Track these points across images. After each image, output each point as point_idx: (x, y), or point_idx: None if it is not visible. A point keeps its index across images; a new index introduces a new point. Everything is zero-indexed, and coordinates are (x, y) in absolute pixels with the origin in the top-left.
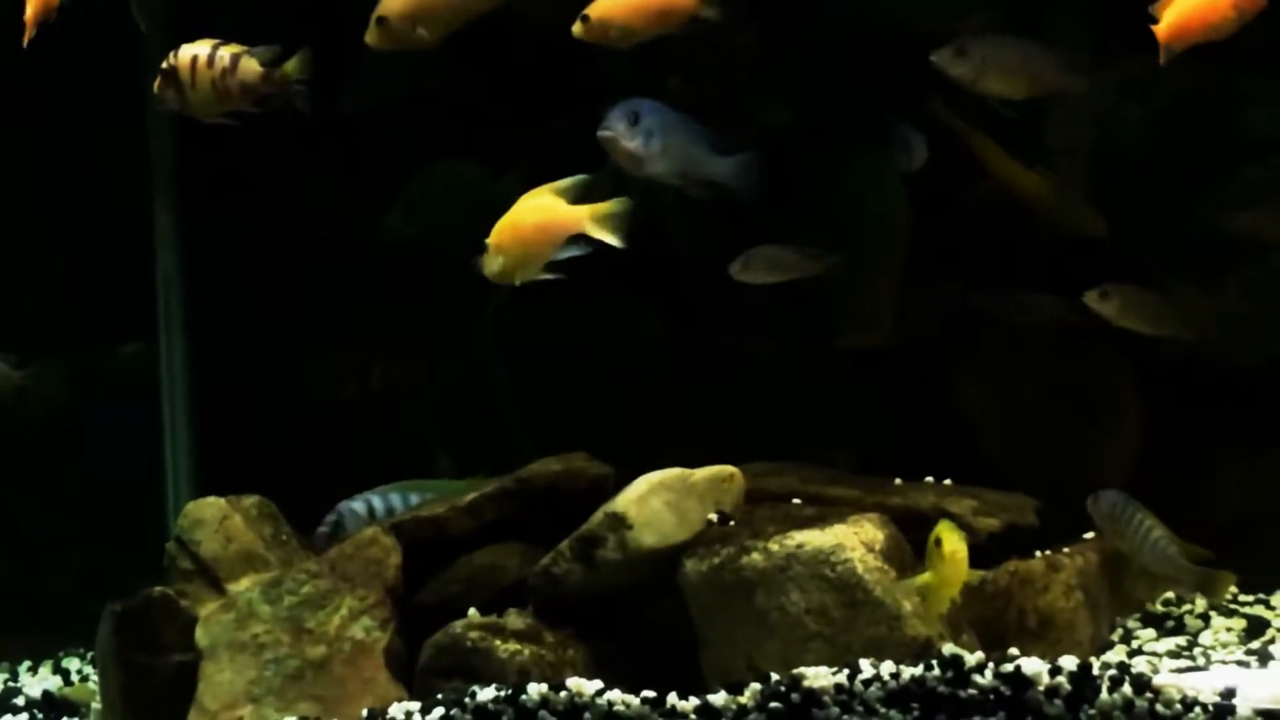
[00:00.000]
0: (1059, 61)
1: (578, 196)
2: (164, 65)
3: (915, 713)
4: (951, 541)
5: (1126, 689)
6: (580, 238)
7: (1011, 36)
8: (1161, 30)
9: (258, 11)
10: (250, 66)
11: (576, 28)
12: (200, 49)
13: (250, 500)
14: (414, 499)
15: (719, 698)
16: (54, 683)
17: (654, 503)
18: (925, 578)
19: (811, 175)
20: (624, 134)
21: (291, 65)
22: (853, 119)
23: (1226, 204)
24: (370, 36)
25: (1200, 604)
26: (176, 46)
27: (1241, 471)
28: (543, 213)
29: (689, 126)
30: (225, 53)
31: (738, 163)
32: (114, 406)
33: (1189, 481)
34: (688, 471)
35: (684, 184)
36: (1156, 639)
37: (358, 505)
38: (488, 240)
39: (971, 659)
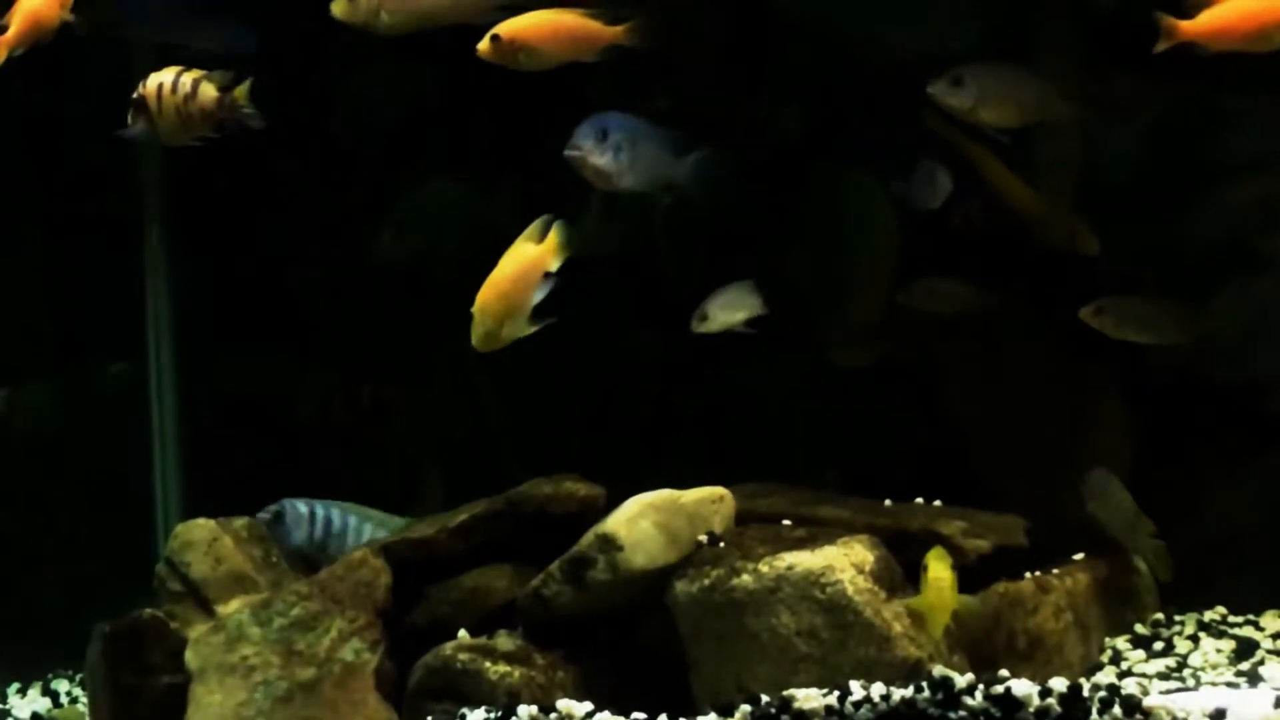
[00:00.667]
0: (1053, 89)
1: (541, 236)
2: (135, 94)
3: None
4: (936, 569)
5: (1117, 711)
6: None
7: (1006, 65)
8: (1198, 26)
9: (247, 33)
10: (208, 92)
11: (484, 45)
12: (165, 76)
13: (240, 522)
14: (352, 521)
15: None
16: (43, 704)
17: (644, 524)
18: (915, 602)
19: (802, 194)
20: (591, 151)
21: (242, 90)
22: (863, 145)
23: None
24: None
25: (1190, 625)
26: (145, 75)
27: (1230, 489)
28: (512, 262)
29: (655, 133)
30: (187, 79)
31: (693, 162)
32: (102, 426)
33: (1177, 499)
34: (678, 493)
35: (653, 191)
36: (1146, 660)
37: (301, 506)
38: (472, 310)
39: (961, 681)
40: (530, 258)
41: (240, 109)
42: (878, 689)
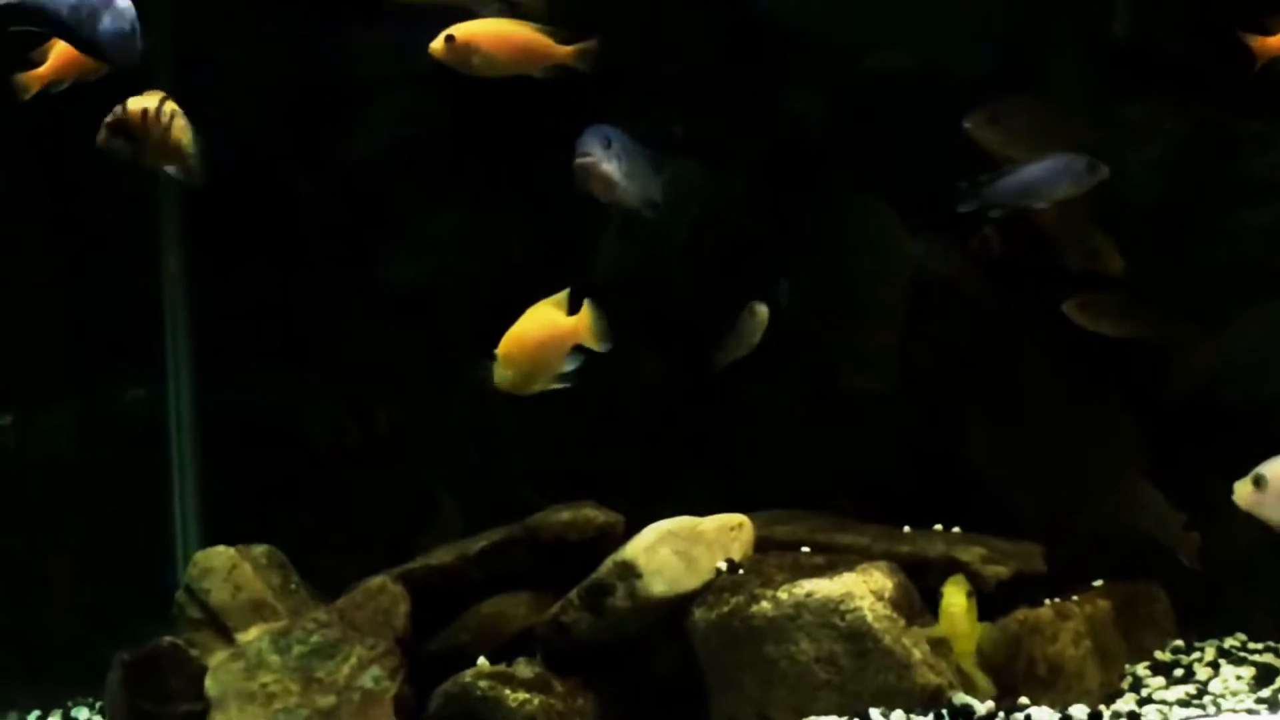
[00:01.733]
0: (1083, 121)
1: (571, 308)
2: (111, 117)
3: None
4: (951, 595)
5: None
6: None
7: (1038, 100)
8: None
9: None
10: (181, 123)
11: (437, 44)
12: (148, 102)
13: (259, 549)
14: None
15: None
16: None
17: (663, 551)
18: (935, 630)
19: (815, 218)
20: (603, 159)
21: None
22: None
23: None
24: None
25: (1210, 652)
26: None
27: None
28: (546, 328)
29: (641, 149)
30: (168, 107)
31: (666, 180)
32: (120, 451)
33: (1193, 524)
34: (697, 520)
35: (642, 207)
36: (1166, 687)
37: None
38: (497, 352)
39: (981, 708)
40: (563, 328)
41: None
42: (898, 716)
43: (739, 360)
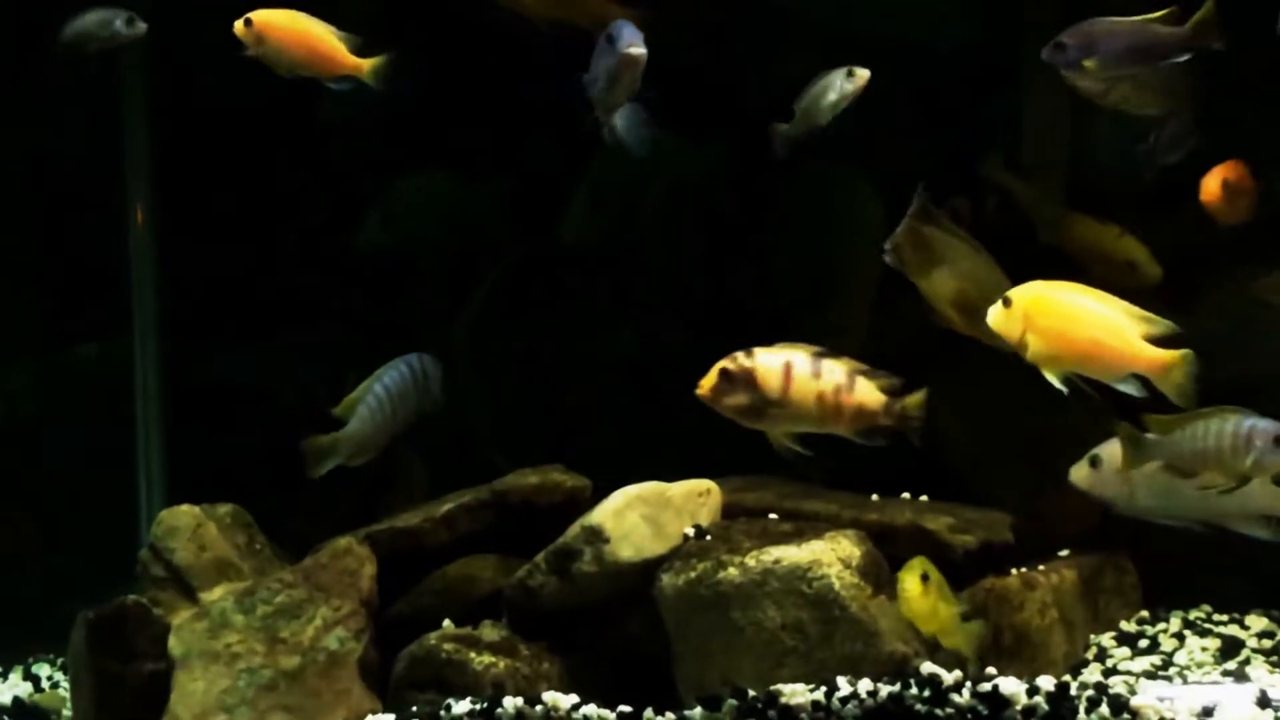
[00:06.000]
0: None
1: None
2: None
3: None
4: (903, 580)
5: (1104, 710)
6: None
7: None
8: None
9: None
10: None
11: (239, 25)
12: None
13: (224, 509)
14: None
15: (696, 713)
16: (24, 689)
17: (631, 516)
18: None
19: (788, 190)
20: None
21: None
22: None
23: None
24: None
25: (1175, 623)
26: None
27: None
28: (1113, 333)
29: None
30: None
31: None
32: (85, 410)
33: None
34: (665, 485)
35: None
36: (1131, 658)
37: None
38: (1010, 295)
39: (949, 678)
40: (1137, 353)
41: None
42: (865, 685)
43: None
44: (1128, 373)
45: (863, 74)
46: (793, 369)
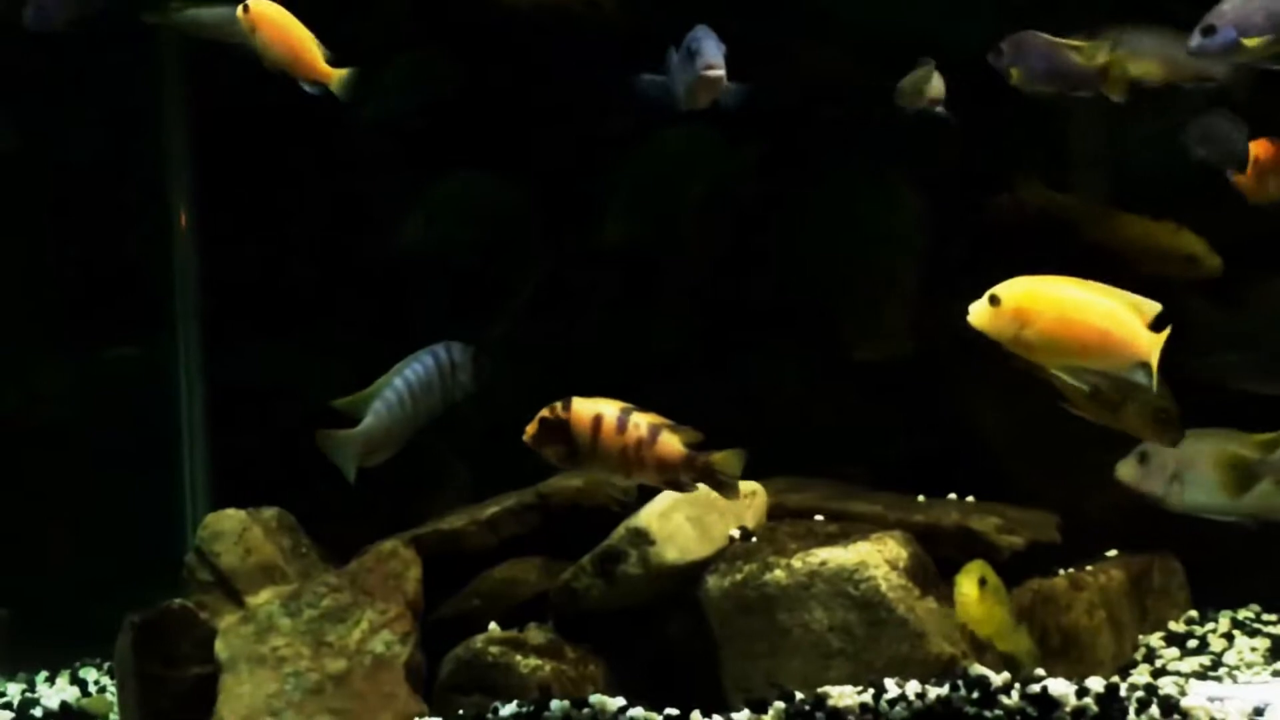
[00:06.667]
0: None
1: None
2: None
3: None
4: (961, 585)
5: (1154, 711)
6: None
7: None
8: None
9: None
10: None
11: (239, 10)
12: None
13: (270, 512)
14: None
15: (742, 715)
16: (72, 694)
17: (676, 518)
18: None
19: (828, 187)
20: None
21: None
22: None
23: None
24: None
25: (1224, 623)
26: None
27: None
28: (1115, 322)
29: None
30: None
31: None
32: (130, 414)
33: None
34: None
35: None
36: (1180, 658)
37: None
38: (996, 293)
39: (997, 679)
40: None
41: None
42: (913, 687)
43: (753, 329)
44: (1131, 361)
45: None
46: (601, 422)
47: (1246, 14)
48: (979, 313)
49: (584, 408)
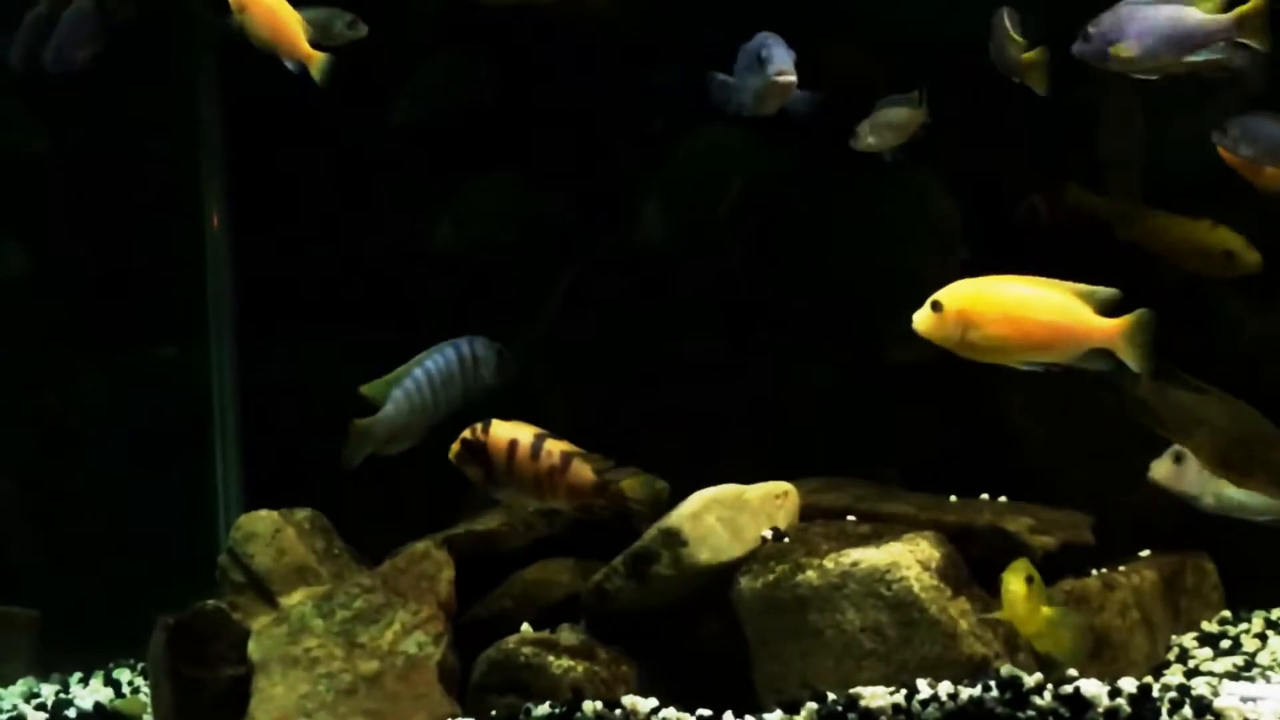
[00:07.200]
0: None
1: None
2: None
3: None
4: (1009, 582)
5: (1187, 711)
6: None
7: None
8: None
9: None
10: None
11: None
12: None
13: (303, 513)
14: None
15: (775, 716)
16: (105, 695)
17: (708, 519)
18: (1000, 614)
19: (863, 187)
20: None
21: None
22: None
23: None
24: None
25: (1257, 623)
26: None
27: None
28: (1063, 314)
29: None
30: None
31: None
32: (162, 414)
33: None
34: (742, 488)
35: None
36: (1213, 659)
37: None
38: (938, 299)
39: (1030, 680)
40: (1089, 326)
41: None
42: (945, 687)
43: (785, 329)
44: (1084, 349)
45: None
46: (516, 447)
47: (1119, 25)
48: (922, 319)
49: (501, 431)
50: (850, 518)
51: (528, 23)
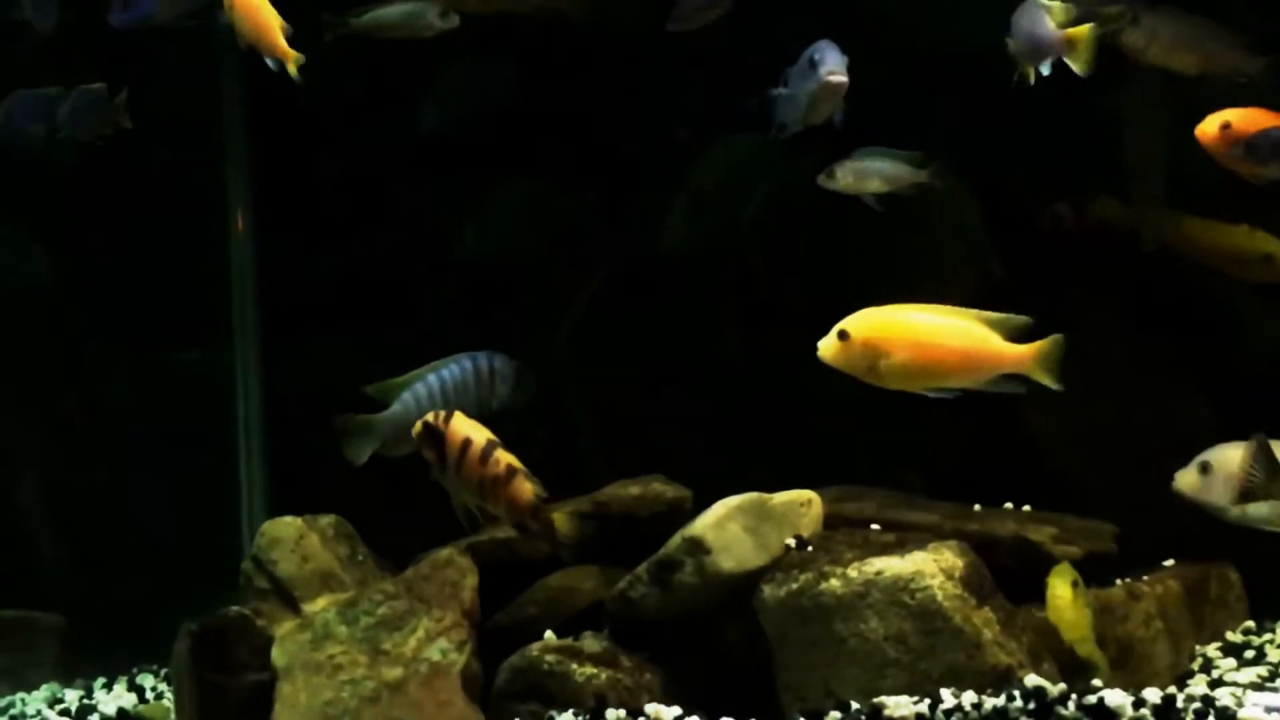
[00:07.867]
0: (1235, 41)
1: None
2: None
3: None
4: (1055, 587)
5: None
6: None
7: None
8: None
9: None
10: None
11: None
12: None
13: (327, 520)
14: None
15: None
16: (129, 700)
17: (732, 527)
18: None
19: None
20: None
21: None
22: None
23: None
24: None
25: None
26: None
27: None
28: (973, 340)
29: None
30: None
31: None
32: (186, 416)
33: None
34: (766, 496)
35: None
36: (1237, 669)
37: None
38: (845, 328)
39: (1054, 690)
40: (999, 352)
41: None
42: (969, 697)
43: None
44: (995, 375)
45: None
46: (469, 445)
47: (1017, 22)
48: (827, 348)
49: (460, 427)
50: (874, 526)
51: (553, 29)
